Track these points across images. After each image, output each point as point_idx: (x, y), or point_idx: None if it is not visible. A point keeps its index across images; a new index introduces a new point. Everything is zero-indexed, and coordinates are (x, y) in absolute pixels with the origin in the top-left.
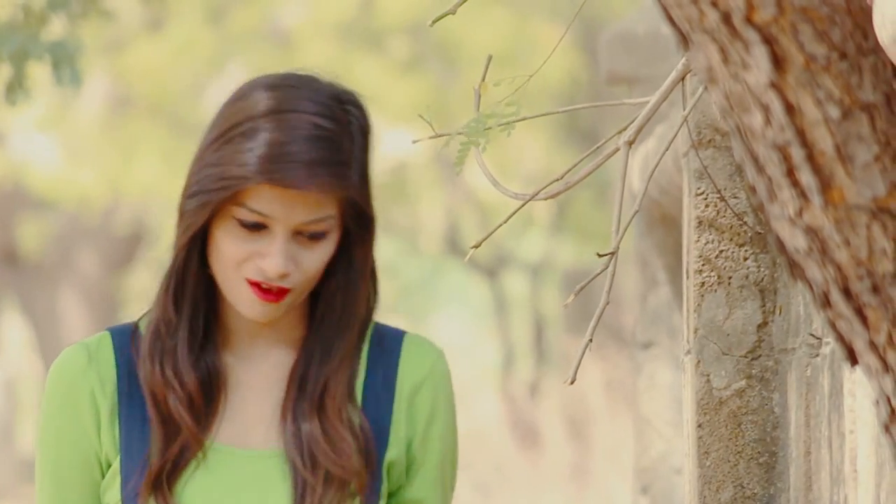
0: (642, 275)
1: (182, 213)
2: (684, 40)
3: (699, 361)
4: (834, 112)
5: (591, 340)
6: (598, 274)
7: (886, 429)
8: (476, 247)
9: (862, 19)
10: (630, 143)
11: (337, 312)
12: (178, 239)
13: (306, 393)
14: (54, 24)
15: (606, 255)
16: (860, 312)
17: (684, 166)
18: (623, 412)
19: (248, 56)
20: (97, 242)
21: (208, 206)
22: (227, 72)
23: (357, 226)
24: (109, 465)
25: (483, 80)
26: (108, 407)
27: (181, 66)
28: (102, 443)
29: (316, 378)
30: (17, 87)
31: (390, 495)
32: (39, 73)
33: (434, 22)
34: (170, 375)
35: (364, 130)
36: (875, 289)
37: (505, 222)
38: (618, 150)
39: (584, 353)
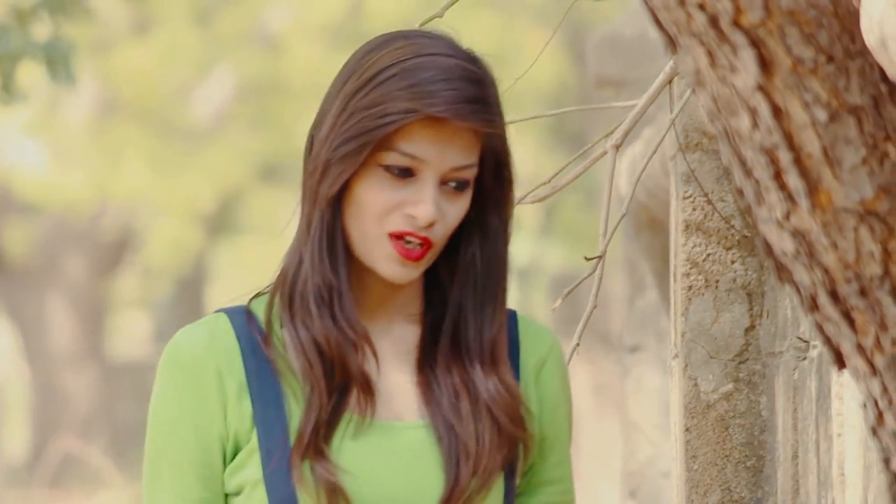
0: (630, 278)
1: (327, 167)
2: (672, 43)
3: (686, 365)
4: (821, 115)
5: (578, 344)
6: (586, 278)
7: (874, 432)
8: None
9: (849, 22)
10: (617, 147)
11: (480, 278)
12: (321, 196)
13: (460, 363)
14: (41, 25)
15: (594, 258)
16: (848, 316)
17: (671, 170)
18: (611, 416)
19: (235, 59)
20: (84, 247)
21: (366, 147)
22: (215, 75)
23: (495, 182)
24: (236, 447)
25: None
26: (236, 384)
27: (168, 70)
28: (230, 422)
29: (478, 344)
30: (10, 86)
31: (523, 476)
32: (31, 73)
33: (421, 25)
34: (349, 333)
35: (497, 87)
36: (863, 292)
37: None
38: (605, 153)
39: (571, 357)
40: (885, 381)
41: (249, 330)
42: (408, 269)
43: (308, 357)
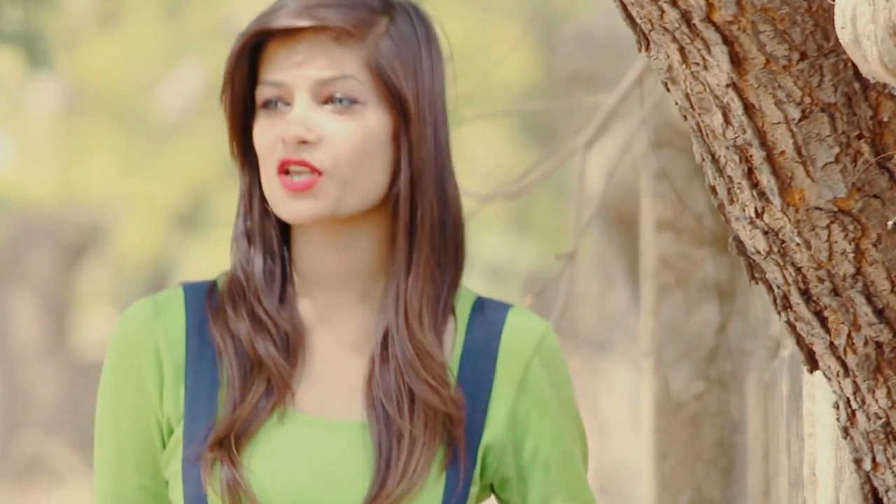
0: (600, 276)
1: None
2: (644, 40)
3: (657, 364)
4: (794, 112)
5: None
6: (556, 279)
7: (846, 432)
8: None
9: (823, 19)
10: (587, 145)
11: (404, 222)
12: (237, 164)
13: (398, 353)
14: (11, 11)
15: (564, 256)
16: (820, 315)
17: (642, 167)
18: (582, 415)
19: (203, 53)
20: (50, 242)
21: (228, 85)
22: (183, 69)
23: (399, 114)
24: (171, 432)
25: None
26: (174, 365)
27: (135, 64)
28: (164, 405)
29: (396, 305)
30: None
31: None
32: (6, 60)
33: None
34: (260, 316)
35: (377, 11)
36: (835, 291)
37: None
38: (575, 151)
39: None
40: (857, 380)
41: (204, 307)
42: (300, 203)
43: (224, 348)
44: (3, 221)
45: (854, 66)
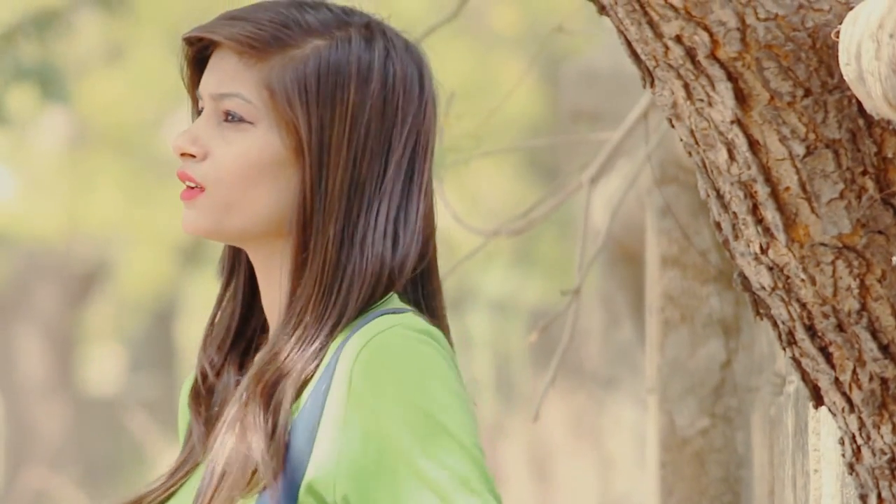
0: (606, 312)
1: None
2: (648, 76)
3: (663, 400)
4: (799, 149)
5: (553, 378)
6: (561, 313)
7: (851, 468)
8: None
9: (827, 56)
10: (592, 181)
11: (291, 255)
12: None
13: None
14: (28, 46)
15: (569, 292)
16: (825, 351)
17: (647, 203)
18: (586, 450)
19: None
20: (56, 278)
21: (190, 98)
22: (188, 104)
23: (291, 140)
24: None
25: (446, 115)
26: (180, 435)
27: (141, 99)
28: None
29: (258, 366)
30: (1, 109)
31: None
32: (23, 95)
33: None
34: (197, 372)
35: (357, 53)
36: (840, 327)
37: (467, 259)
38: (580, 187)
39: (546, 391)
40: (862, 416)
41: None
42: (187, 214)
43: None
44: (8, 256)
45: (858, 103)
